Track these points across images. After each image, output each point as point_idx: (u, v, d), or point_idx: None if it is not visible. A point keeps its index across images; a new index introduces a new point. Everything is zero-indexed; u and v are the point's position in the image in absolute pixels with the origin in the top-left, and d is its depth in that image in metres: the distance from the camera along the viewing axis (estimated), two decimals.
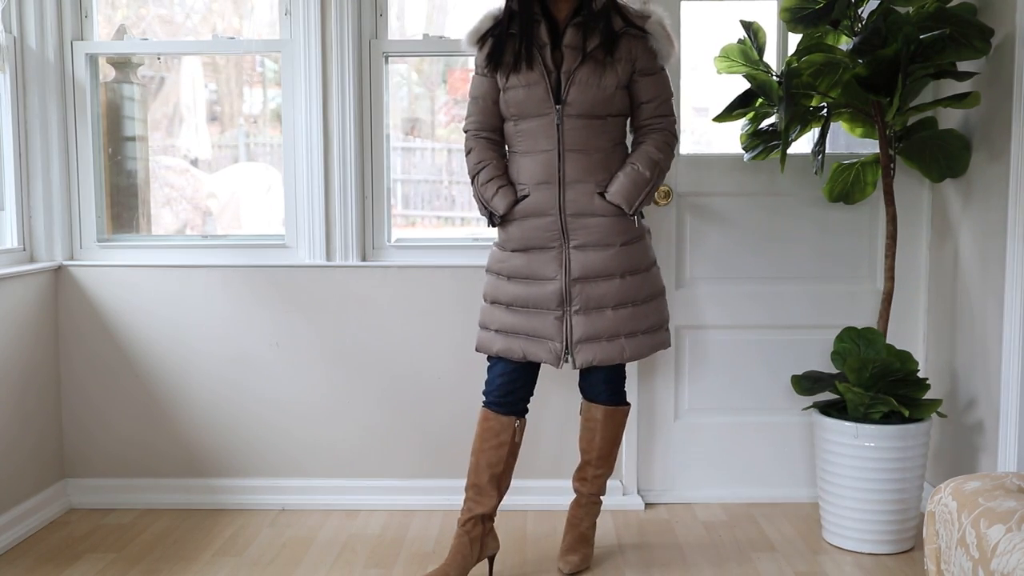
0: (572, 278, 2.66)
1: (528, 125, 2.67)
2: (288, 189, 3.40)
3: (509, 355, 2.73)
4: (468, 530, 2.74)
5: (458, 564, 2.69)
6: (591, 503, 2.91)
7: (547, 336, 2.68)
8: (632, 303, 2.70)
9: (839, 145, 3.60)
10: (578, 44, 2.62)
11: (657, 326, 2.77)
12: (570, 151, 2.64)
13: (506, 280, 2.73)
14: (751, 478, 3.44)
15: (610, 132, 2.69)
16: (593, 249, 2.66)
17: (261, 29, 3.78)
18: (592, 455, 2.87)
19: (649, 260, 2.77)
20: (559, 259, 2.67)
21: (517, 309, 2.72)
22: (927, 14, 2.83)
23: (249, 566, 2.89)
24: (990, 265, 2.91)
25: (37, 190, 3.33)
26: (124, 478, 3.42)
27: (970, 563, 1.82)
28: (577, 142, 2.64)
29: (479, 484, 2.75)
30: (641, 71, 2.67)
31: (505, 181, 2.71)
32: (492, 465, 2.74)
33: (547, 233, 2.67)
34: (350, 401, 3.39)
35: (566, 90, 2.62)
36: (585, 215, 2.65)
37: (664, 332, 2.80)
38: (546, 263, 2.67)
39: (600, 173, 2.66)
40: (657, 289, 2.78)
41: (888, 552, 2.95)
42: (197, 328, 3.38)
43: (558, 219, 2.65)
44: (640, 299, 2.71)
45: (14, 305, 3.13)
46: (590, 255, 2.66)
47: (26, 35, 3.29)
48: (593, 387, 2.85)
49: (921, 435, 2.92)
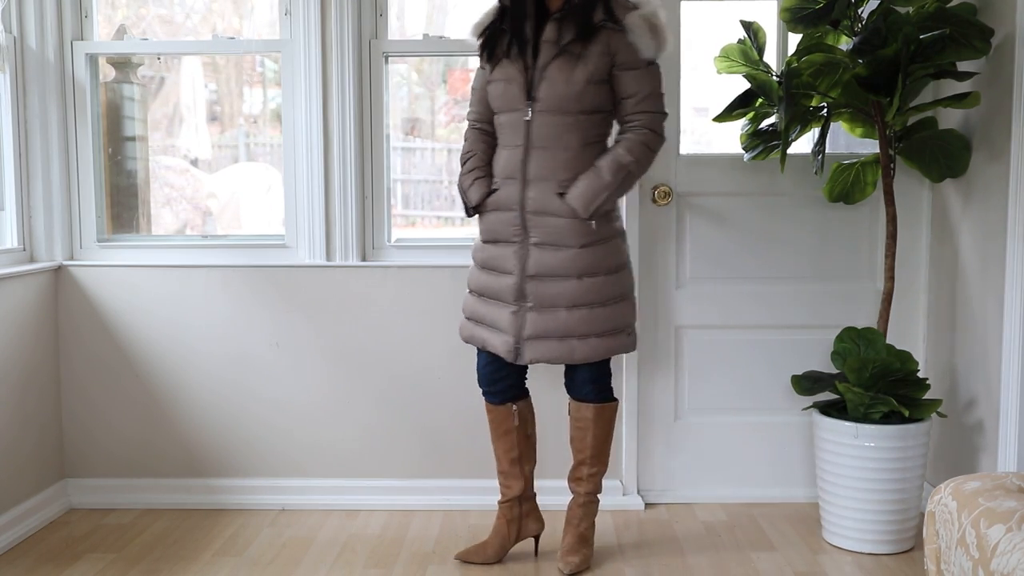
0: (527, 275, 2.68)
1: (506, 119, 2.71)
2: (288, 189, 3.40)
3: (472, 342, 2.82)
4: (505, 512, 2.90)
5: (496, 542, 2.89)
6: (588, 502, 2.91)
7: (502, 329, 2.72)
8: (589, 305, 2.67)
9: (839, 145, 3.60)
10: (554, 39, 2.62)
11: (616, 330, 2.72)
12: (536, 148, 2.65)
13: (478, 269, 2.81)
14: (751, 478, 3.44)
15: (581, 130, 2.64)
16: (551, 248, 2.66)
17: (261, 29, 3.78)
18: (586, 454, 2.87)
19: (614, 263, 2.70)
20: (519, 255, 2.69)
21: (484, 299, 2.78)
22: (927, 14, 2.83)
23: (249, 566, 2.89)
24: (990, 265, 2.91)
25: (37, 190, 3.33)
26: (124, 478, 3.42)
27: (970, 563, 1.82)
28: (543, 139, 2.64)
29: (503, 470, 2.90)
30: (621, 65, 2.62)
31: (483, 173, 2.76)
32: (508, 451, 2.87)
33: (510, 228, 2.69)
34: (350, 401, 3.39)
35: (537, 86, 2.63)
36: (546, 214, 2.65)
37: (624, 336, 2.75)
38: (507, 257, 2.71)
39: (564, 172, 2.64)
40: (620, 293, 2.72)
41: (888, 552, 2.95)
42: (197, 328, 3.38)
43: (520, 215, 2.68)
44: (599, 302, 2.68)
45: (14, 305, 3.13)
46: (547, 254, 2.66)
47: (26, 35, 3.29)
48: (579, 386, 2.84)
49: (921, 435, 2.92)
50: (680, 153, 3.35)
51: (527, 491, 2.90)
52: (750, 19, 3.05)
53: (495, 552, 2.89)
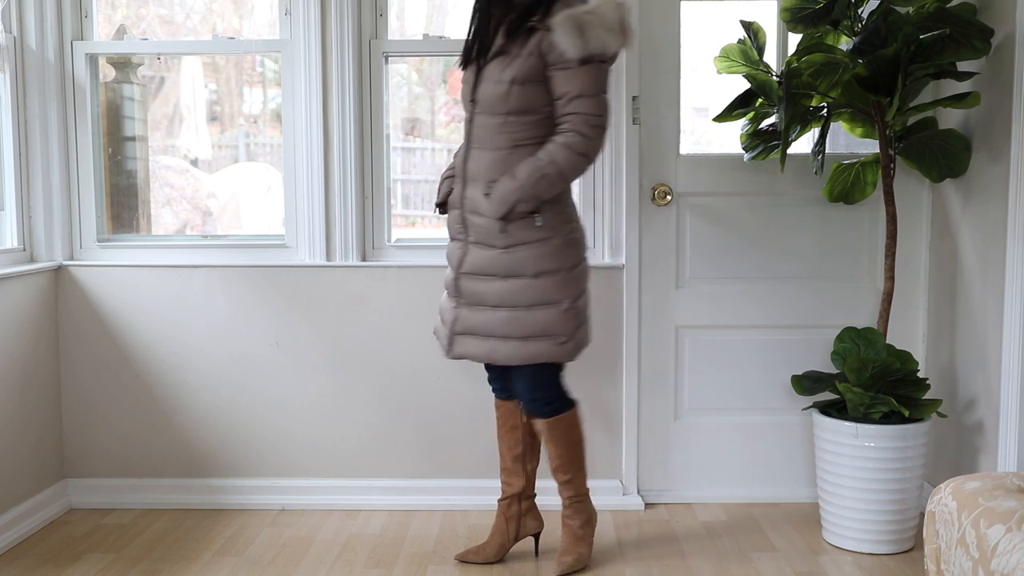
0: (462, 271, 2.71)
1: (464, 120, 2.77)
2: (288, 189, 3.40)
3: (436, 334, 2.88)
4: (504, 509, 2.90)
5: (496, 541, 2.90)
6: (574, 503, 2.88)
7: (445, 321, 2.78)
8: (512, 307, 2.65)
9: (839, 145, 3.60)
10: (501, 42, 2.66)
11: (536, 335, 2.65)
12: (473, 148, 2.69)
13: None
14: (751, 478, 3.44)
15: (510, 131, 2.62)
16: (483, 248, 2.68)
17: (261, 29, 3.78)
18: (553, 464, 2.83)
19: (541, 268, 2.63)
20: (460, 251, 2.73)
21: (445, 293, 2.84)
22: (927, 14, 2.83)
23: (249, 566, 2.90)
24: (990, 265, 2.91)
25: (37, 190, 3.33)
26: (124, 478, 3.42)
27: (970, 563, 1.82)
28: (479, 140, 2.67)
29: (506, 467, 2.90)
30: (552, 66, 2.58)
31: (453, 172, 2.80)
32: (511, 448, 2.88)
33: (456, 226, 2.75)
34: (350, 401, 3.39)
35: (477, 88, 2.67)
36: (476, 213, 2.68)
37: (551, 343, 2.65)
38: (452, 253, 2.77)
39: (492, 173, 2.64)
40: (545, 299, 2.64)
41: (888, 552, 2.95)
42: (197, 328, 3.38)
43: (460, 214, 2.72)
44: (522, 304, 2.64)
45: (14, 305, 3.13)
46: (480, 253, 2.68)
47: (26, 35, 3.29)
48: (520, 397, 2.80)
49: (921, 435, 2.92)
50: (680, 153, 3.36)
51: (528, 489, 2.91)
52: (750, 19, 3.05)
53: (495, 551, 2.89)
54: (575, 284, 2.69)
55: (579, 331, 2.72)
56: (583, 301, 2.73)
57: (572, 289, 2.68)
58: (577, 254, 2.71)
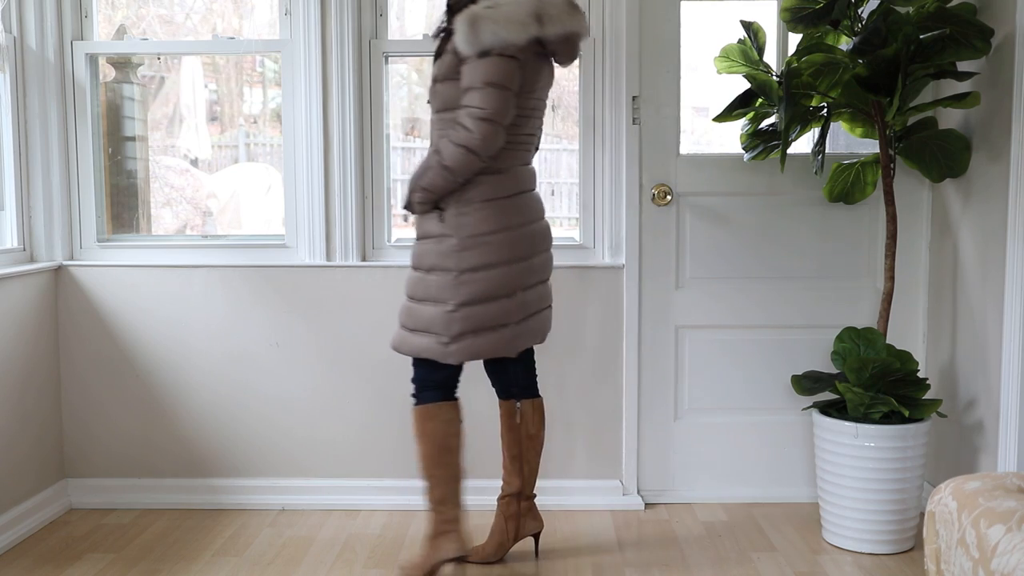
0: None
1: None
2: (288, 189, 3.40)
3: None
4: (504, 508, 2.90)
5: (495, 540, 2.90)
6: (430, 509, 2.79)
7: None
8: (408, 297, 2.71)
9: (839, 145, 3.60)
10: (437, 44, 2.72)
11: (419, 329, 2.65)
12: (431, 145, 2.73)
13: None
14: (751, 478, 3.44)
15: (439, 128, 2.66)
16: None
17: (261, 29, 3.78)
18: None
19: (434, 264, 2.62)
20: None
21: None
22: (927, 14, 2.83)
23: (249, 566, 2.90)
24: (990, 265, 2.91)
25: (37, 190, 3.33)
26: (124, 478, 3.42)
27: (970, 563, 1.82)
28: (431, 137, 2.73)
29: (505, 466, 2.91)
30: (461, 62, 2.58)
31: None
32: (509, 447, 2.89)
33: None
34: (350, 401, 3.39)
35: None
36: None
37: (428, 339, 2.63)
38: None
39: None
40: (432, 296, 2.62)
41: (888, 552, 2.95)
42: (197, 328, 3.38)
43: None
44: (415, 297, 2.68)
45: (14, 305, 3.13)
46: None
47: (26, 35, 3.29)
48: None
49: (921, 435, 2.92)
50: (680, 153, 3.35)
51: (526, 489, 2.90)
52: (750, 19, 3.05)
53: (494, 550, 2.89)
54: (467, 289, 2.59)
55: (467, 338, 2.62)
56: (482, 310, 2.61)
57: (462, 293, 2.59)
58: (479, 259, 2.60)
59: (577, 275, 3.35)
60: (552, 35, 2.57)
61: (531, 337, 2.75)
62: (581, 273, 3.35)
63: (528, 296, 2.70)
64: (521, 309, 2.68)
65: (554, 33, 2.57)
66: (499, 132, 2.53)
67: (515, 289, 2.66)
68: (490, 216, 2.62)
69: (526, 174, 2.73)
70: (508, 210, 2.64)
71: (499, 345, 2.67)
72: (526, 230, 2.68)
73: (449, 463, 2.72)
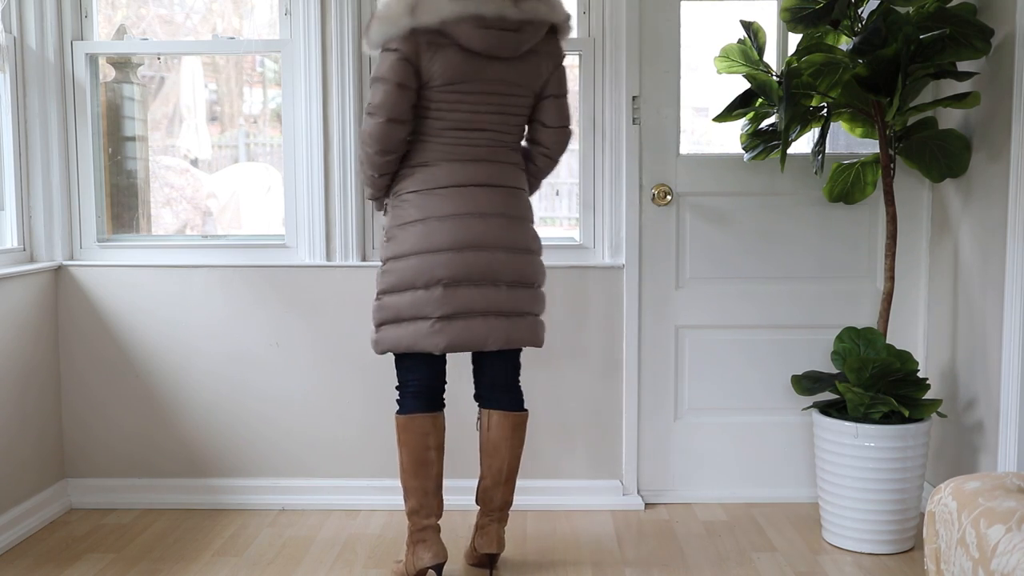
0: None
1: None
2: (288, 189, 3.40)
3: None
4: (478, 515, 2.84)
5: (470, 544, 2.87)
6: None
7: None
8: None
9: (839, 145, 3.60)
10: None
11: (375, 320, 2.68)
12: None
13: None
14: (751, 478, 3.44)
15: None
16: None
17: (261, 29, 3.78)
18: None
19: (385, 255, 2.66)
20: None
21: None
22: (927, 14, 2.83)
23: (249, 566, 2.90)
24: (990, 265, 2.91)
25: (37, 190, 3.33)
26: (124, 478, 3.42)
27: (970, 563, 1.82)
28: None
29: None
30: None
31: None
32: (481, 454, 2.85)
33: None
34: (350, 401, 3.39)
35: None
36: None
37: (378, 331, 2.67)
38: None
39: None
40: (379, 287, 2.67)
41: (888, 552, 2.96)
42: (197, 328, 3.38)
43: None
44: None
45: (14, 305, 3.13)
46: None
47: (26, 35, 3.29)
48: None
49: (921, 435, 2.92)
50: (680, 153, 3.36)
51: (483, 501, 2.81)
52: (750, 19, 3.05)
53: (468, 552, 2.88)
54: (385, 279, 2.63)
55: (389, 327, 2.63)
56: (396, 299, 2.60)
57: (382, 283, 2.65)
58: (394, 249, 2.61)
59: (577, 275, 3.35)
60: (424, 24, 2.47)
61: (473, 340, 2.60)
62: (581, 273, 3.35)
63: (459, 293, 2.57)
64: (442, 304, 2.56)
65: (427, 22, 2.47)
66: (386, 125, 2.53)
67: (431, 282, 2.56)
68: (410, 208, 2.60)
69: (467, 170, 2.60)
70: (431, 202, 2.58)
71: (418, 338, 2.58)
72: (453, 222, 2.56)
73: (423, 475, 2.68)
